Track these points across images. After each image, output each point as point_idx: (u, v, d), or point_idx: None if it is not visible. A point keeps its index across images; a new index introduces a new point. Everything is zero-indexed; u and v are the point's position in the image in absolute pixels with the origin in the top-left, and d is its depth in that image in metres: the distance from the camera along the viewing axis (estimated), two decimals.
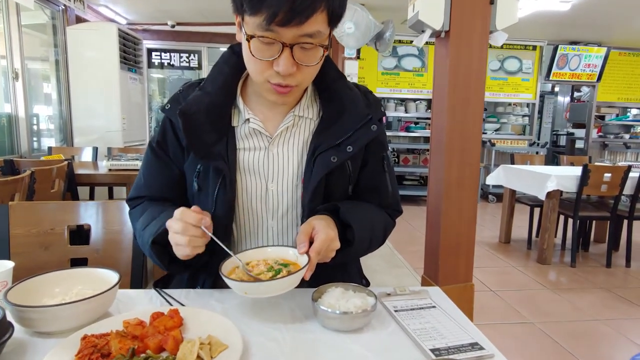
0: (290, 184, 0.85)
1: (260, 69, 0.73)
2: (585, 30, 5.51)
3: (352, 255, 0.81)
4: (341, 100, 0.84)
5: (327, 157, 0.80)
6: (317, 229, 0.72)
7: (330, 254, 0.74)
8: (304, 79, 0.75)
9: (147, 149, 0.89)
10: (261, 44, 0.69)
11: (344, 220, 0.79)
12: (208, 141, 0.79)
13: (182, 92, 0.86)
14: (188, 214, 0.69)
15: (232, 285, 0.68)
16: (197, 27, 5.47)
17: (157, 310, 0.67)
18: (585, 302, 2.59)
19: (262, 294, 0.69)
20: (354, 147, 0.81)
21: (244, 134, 0.84)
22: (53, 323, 0.63)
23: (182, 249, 0.70)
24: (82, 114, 4.05)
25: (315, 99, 0.88)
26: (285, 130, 0.85)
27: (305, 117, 0.86)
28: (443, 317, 0.74)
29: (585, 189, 3.06)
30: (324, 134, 0.82)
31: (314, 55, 0.72)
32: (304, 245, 0.71)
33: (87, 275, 0.76)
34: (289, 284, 0.68)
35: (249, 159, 0.84)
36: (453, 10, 1.68)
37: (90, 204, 1.16)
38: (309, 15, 0.65)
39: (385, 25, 4.04)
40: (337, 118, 0.83)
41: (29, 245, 1.13)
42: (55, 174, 2.09)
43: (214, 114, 0.81)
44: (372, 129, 0.82)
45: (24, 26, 3.49)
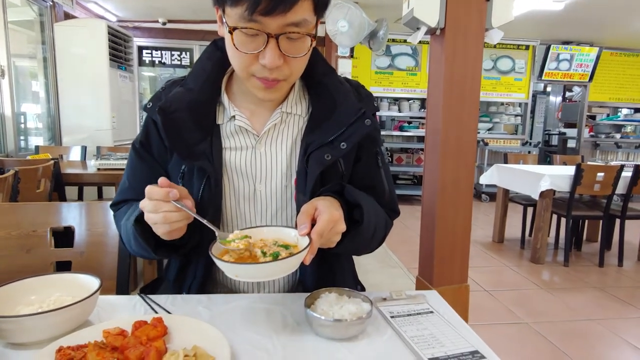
0: (280, 185, 0.81)
1: (245, 63, 0.69)
2: (578, 30, 5.54)
3: (357, 241, 0.74)
4: (332, 95, 0.80)
5: (321, 154, 0.75)
6: (320, 209, 0.66)
7: (334, 238, 0.67)
8: (292, 73, 0.71)
9: (131, 151, 0.85)
10: (245, 37, 0.66)
11: (351, 200, 0.73)
12: (191, 140, 0.75)
13: (165, 89, 0.82)
14: (155, 190, 0.64)
15: (221, 267, 0.61)
16: (189, 25, 5.40)
17: (139, 319, 0.63)
18: (579, 301, 2.59)
19: (254, 278, 0.63)
20: (348, 143, 0.76)
21: (230, 132, 0.81)
22: (27, 334, 0.59)
23: (161, 227, 0.65)
24: (71, 112, 3.97)
25: (304, 94, 0.85)
26: (273, 127, 0.81)
27: (294, 113, 0.82)
28: (441, 323, 0.71)
29: (578, 188, 3.07)
30: (316, 131, 0.78)
31: (301, 45, 0.68)
32: (306, 227, 0.64)
33: (66, 282, 0.72)
34: (285, 267, 0.61)
35: (235, 158, 0.80)
36: (448, 7, 1.66)
37: (73, 205, 1.11)
38: (294, 3, 0.62)
39: (379, 24, 4.01)
40: (328, 114, 0.79)
41: (9, 248, 1.08)
42: (41, 174, 2.03)
43: (197, 112, 0.77)
44: (365, 123, 0.78)
45: (10, 22, 3.41)
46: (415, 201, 5.57)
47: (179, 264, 0.84)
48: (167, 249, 0.73)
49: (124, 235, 0.79)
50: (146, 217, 0.66)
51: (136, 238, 0.71)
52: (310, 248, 0.62)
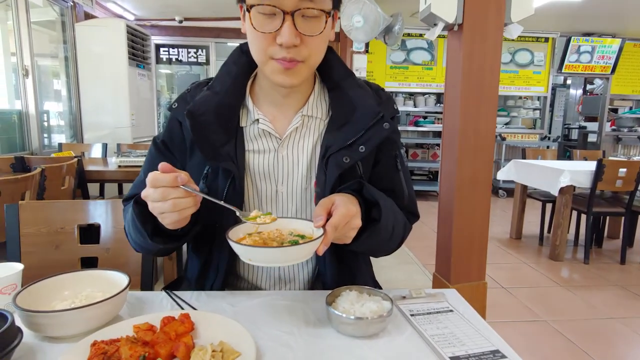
0: (300, 186, 0.83)
1: (264, 45, 0.70)
2: (600, 21, 5.38)
3: (374, 240, 0.74)
4: (351, 98, 0.81)
5: (340, 157, 0.76)
6: (337, 203, 0.67)
7: (350, 233, 0.68)
8: (310, 54, 0.72)
9: (151, 146, 0.87)
10: (262, 16, 0.68)
11: (369, 198, 0.74)
12: (216, 142, 0.77)
13: (190, 91, 0.84)
14: (160, 177, 0.62)
15: (237, 250, 0.63)
16: (205, 23, 5.45)
17: (167, 315, 0.65)
18: (599, 299, 2.55)
19: (268, 262, 0.64)
20: (367, 146, 0.77)
21: (253, 135, 0.82)
22: (62, 328, 0.62)
23: (170, 216, 0.63)
24: (92, 110, 4.07)
25: (324, 97, 0.86)
26: (295, 131, 0.82)
27: (314, 117, 0.83)
28: (461, 322, 0.71)
29: (599, 184, 3.00)
30: (335, 134, 0.79)
31: (316, 24, 0.70)
32: (321, 219, 0.65)
33: (96, 278, 0.75)
34: (297, 254, 0.62)
35: (258, 161, 0.82)
36: (467, 2, 1.64)
37: (99, 202, 1.15)
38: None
39: (394, 19, 3.98)
40: (347, 117, 0.79)
41: (39, 245, 1.13)
42: (66, 171, 2.09)
43: (223, 115, 0.79)
44: (384, 127, 0.79)
45: (33, 23, 3.50)
46: (431, 197, 5.53)
47: (200, 262, 0.86)
48: (164, 238, 0.72)
49: (126, 225, 0.80)
50: (152, 207, 0.64)
51: (134, 221, 0.70)
52: (324, 239, 0.63)
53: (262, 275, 0.87)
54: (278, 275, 0.87)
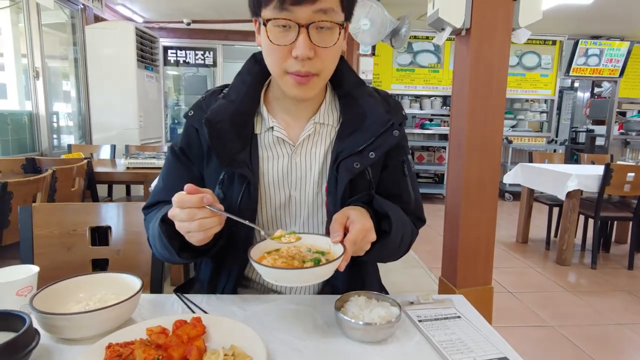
0: (312, 192, 0.85)
1: (279, 58, 0.73)
2: (608, 24, 5.35)
3: (386, 250, 0.77)
4: (361, 106, 0.83)
5: (350, 163, 0.79)
6: (352, 218, 0.69)
7: (365, 247, 0.70)
8: (323, 67, 0.74)
9: (169, 154, 0.89)
10: (278, 30, 0.70)
11: (380, 209, 0.77)
12: (232, 149, 0.79)
13: (205, 99, 0.86)
14: (187, 198, 0.64)
15: (261, 272, 0.64)
16: (213, 25, 5.49)
17: (179, 318, 0.67)
18: (607, 305, 2.53)
19: (293, 283, 0.67)
20: (376, 153, 0.80)
21: (268, 142, 0.84)
22: (78, 330, 0.64)
23: (196, 235, 0.66)
24: (101, 111, 4.11)
25: (335, 105, 0.88)
26: (307, 138, 0.84)
27: (326, 124, 0.86)
28: (469, 328, 0.72)
29: (607, 188, 2.99)
30: (346, 141, 0.81)
31: (330, 36, 0.72)
32: (339, 235, 0.67)
33: (110, 280, 0.77)
34: (322, 274, 0.64)
35: (272, 167, 0.84)
36: (475, 7, 1.64)
37: (111, 205, 1.17)
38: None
39: (401, 21, 3.99)
40: (358, 124, 0.82)
41: (51, 246, 1.15)
42: (76, 173, 2.12)
43: (238, 122, 0.81)
44: (394, 134, 0.81)
45: (44, 25, 3.55)
46: (437, 199, 5.51)
47: (213, 266, 0.87)
48: (191, 253, 0.75)
49: (151, 238, 0.81)
50: (178, 227, 0.67)
51: (161, 239, 0.72)
52: (344, 255, 0.64)
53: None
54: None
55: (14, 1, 3.49)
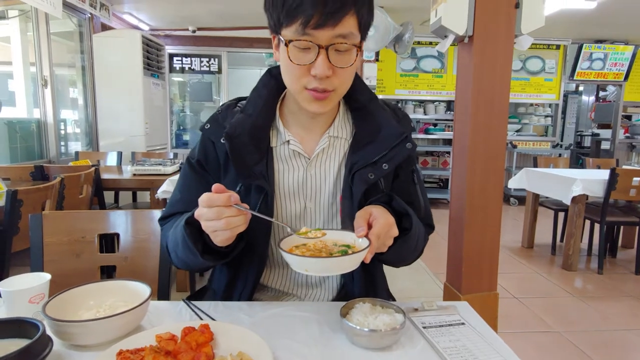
0: (327, 202, 0.88)
1: (298, 75, 0.75)
2: (612, 29, 5.35)
3: (404, 249, 0.79)
4: (376, 119, 0.86)
5: (365, 174, 0.82)
6: (375, 214, 0.72)
7: (388, 241, 0.73)
8: (340, 84, 0.77)
9: (185, 166, 0.91)
10: (298, 50, 0.73)
11: (399, 209, 0.80)
12: (250, 162, 0.81)
13: (221, 113, 0.88)
14: (215, 197, 0.66)
15: (292, 261, 0.67)
16: (217, 32, 5.55)
17: (187, 325, 0.68)
18: (614, 310, 2.51)
19: (322, 272, 0.70)
20: (390, 164, 0.83)
21: (284, 155, 0.87)
22: (90, 336, 0.65)
23: (222, 234, 0.68)
24: (107, 118, 4.16)
25: (348, 118, 0.91)
26: (322, 151, 0.87)
27: (340, 137, 0.89)
28: (473, 335, 0.73)
29: (612, 193, 2.97)
30: (360, 152, 0.85)
31: (348, 57, 0.75)
32: (363, 229, 0.70)
33: (119, 288, 0.79)
34: (349, 263, 0.67)
35: (287, 178, 0.86)
36: (477, 15, 1.65)
37: (119, 212, 1.19)
38: (341, 17, 0.70)
39: (404, 27, 4.01)
40: (372, 137, 0.85)
41: (61, 253, 1.17)
42: (84, 180, 2.15)
43: (256, 136, 0.83)
44: (407, 147, 0.85)
45: (52, 34, 3.61)
46: (441, 204, 5.51)
47: (229, 275, 0.89)
48: (214, 255, 0.76)
49: (171, 244, 0.82)
50: (205, 226, 0.68)
51: (185, 241, 0.73)
52: (370, 248, 0.67)
53: (291, 282, 0.91)
54: (306, 283, 0.91)
55: (23, 11, 3.56)
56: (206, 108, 6.73)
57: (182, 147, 6.34)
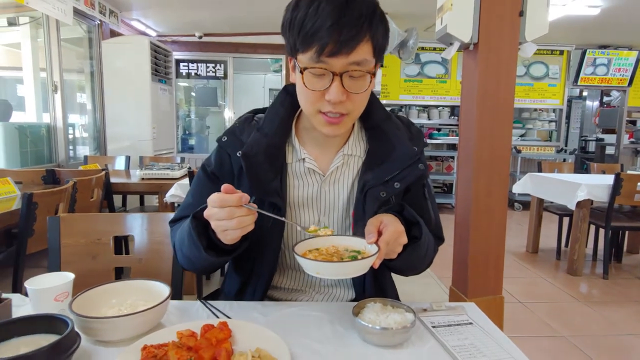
0: (340, 217, 0.90)
1: (313, 99, 0.77)
2: (615, 34, 5.37)
3: (414, 256, 0.81)
4: (390, 139, 0.88)
5: (377, 192, 0.84)
6: (385, 222, 0.74)
7: (397, 249, 0.75)
8: (354, 108, 0.79)
9: (200, 172, 0.93)
10: (313, 77, 0.75)
11: (410, 218, 0.82)
12: (265, 179, 0.83)
13: (238, 126, 0.90)
14: (227, 197, 0.68)
15: (305, 264, 0.70)
16: (223, 38, 5.61)
17: (206, 323, 0.71)
18: (619, 315, 2.52)
19: (333, 275, 0.72)
20: (402, 184, 0.85)
21: (299, 172, 0.89)
22: (114, 332, 0.68)
23: (233, 233, 0.70)
24: (115, 123, 4.22)
25: (362, 137, 0.93)
26: (336, 169, 0.89)
27: (354, 155, 0.91)
28: (481, 334, 0.75)
29: (617, 198, 2.98)
30: (373, 171, 0.86)
31: (362, 83, 0.76)
32: (373, 236, 0.72)
33: (139, 287, 0.82)
34: (359, 267, 0.70)
35: (301, 194, 0.89)
36: (482, 23, 1.69)
37: (135, 215, 1.22)
38: (355, 45, 0.71)
39: (408, 33, 4.05)
40: (385, 156, 0.87)
41: (77, 255, 1.20)
42: (95, 184, 2.19)
43: (272, 154, 0.86)
44: (419, 167, 0.87)
45: (62, 40, 3.67)
46: (446, 209, 5.52)
47: (241, 281, 0.92)
48: (218, 252, 0.77)
49: (178, 242, 0.85)
50: (216, 225, 0.70)
51: (190, 235, 0.75)
52: (379, 254, 0.70)
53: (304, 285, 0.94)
54: (317, 289, 0.94)
55: (33, 18, 3.63)
56: (211, 113, 6.79)
57: (187, 152, 6.39)
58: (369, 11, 0.72)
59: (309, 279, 0.94)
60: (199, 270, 0.89)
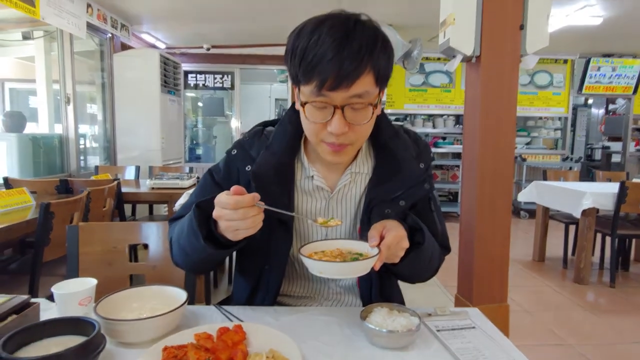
0: (346, 231, 0.93)
1: (315, 130, 0.79)
2: (619, 43, 5.40)
3: (417, 262, 0.83)
4: (396, 158, 0.89)
5: (382, 209, 0.86)
6: (388, 227, 0.77)
7: (399, 253, 0.77)
8: (357, 138, 0.80)
9: (207, 176, 0.95)
10: (315, 109, 0.76)
11: (413, 224, 0.84)
12: (273, 195, 0.84)
13: (248, 140, 0.92)
14: (241, 199, 0.69)
15: (309, 264, 0.74)
16: (231, 50, 5.72)
17: (222, 326, 0.75)
18: (627, 324, 2.51)
19: (335, 275, 0.76)
20: (407, 202, 0.88)
21: (307, 188, 0.91)
22: (136, 334, 0.73)
23: (245, 232, 0.71)
24: (125, 133, 4.32)
25: (370, 154, 0.94)
26: (343, 186, 0.91)
27: (361, 172, 0.92)
28: (484, 337, 0.78)
29: (623, 206, 2.99)
30: (379, 189, 0.88)
31: (364, 114, 0.77)
32: (375, 239, 0.75)
33: (158, 292, 0.86)
34: (360, 268, 0.73)
35: (309, 209, 0.91)
36: (483, 36, 1.73)
37: (150, 224, 1.26)
38: (355, 79, 0.71)
39: (413, 44, 4.10)
40: (391, 175, 0.88)
41: (94, 262, 1.24)
42: (107, 193, 2.25)
43: (281, 172, 0.88)
44: (424, 187, 0.89)
45: (75, 53, 3.78)
46: (452, 218, 5.52)
47: (251, 287, 0.94)
48: (216, 245, 0.76)
49: (176, 235, 0.86)
50: (227, 226, 0.71)
51: (191, 223, 0.76)
52: (379, 256, 0.73)
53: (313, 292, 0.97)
54: (325, 295, 0.97)
55: (48, 32, 3.75)
56: (218, 123, 6.89)
57: (195, 161, 6.48)
58: (370, 41, 0.72)
59: (318, 286, 0.97)
60: (191, 266, 0.89)
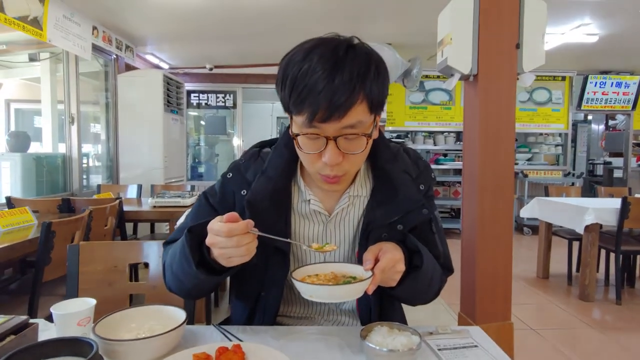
0: (345, 255, 0.91)
1: (310, 160, 0.78)
2: (616, 59, 5.47)
3: (415, 285, 0.81)
4: (393, 182, 0.87)
5: (379, 233, 0.85)
6: (384, 250, 0.75)
7: (395, 276, 0.75)
8: (351, 167, 0.79)
9: (202, 198, 0.93)
10: (307, 140, 0.74)
11: (412, 246, 0.82)
12: (269, 222, 0.82)
13: (244, 162, 0.90)
14: (234, 227, 0.68)
15: (300, 288, 0.73)
16: (233, 69, 5.82)
17: (220, 346, 0.74)
18: (635, 341, 2.47)
19: (326, 299, 0.74)
20: (405, 226, 0.85)
21: (304, 212, 0.89)
22: (134, 355, 0.72)
23: (238, 260, 0.70)
24: (128, 152, 4.36)
25: (368, 176, 0.92)
26: (341, 210, 0.89)
27: (359, 195, 0.90)
28: (486, 356, 0.77)
29: (626, 222, 2.97)
30: (377, 212, 0.86)
31: (358, 143, 0.75)
32: (370, 262, 0.73)
33: (157, 312, 0.85)
34: (351, 292, 0.72)
35: (306, 233, 0.90)
36: (480, 55, 1.77)
37: (150, 243, 1.26)
38: (347, 109, 0.69)
39: (412, 63, 4.17)
40: (390, 199, 0.86)
41: (95, 282, 1.24)
42: (109, 212, 2.26)
43: (277, 198, 0.86)
44: (423, 212, 0.86)
45: (80, 74, 3.85)
46: (454, 234, 5.49)
47: (249, 309, 0.93)
48: (208, 270, 0.75)
49: (169, 260, 0.84)
50: (221, 254, 0.70)
51: (183, 249, 0.74)
52: (373, 280, 0.72)
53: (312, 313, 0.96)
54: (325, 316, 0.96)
55: (54, 53, 3.83)
56: (221, 141, 6.94)
57: (197, 179, 6.50)
58: (362, 69, 0.70)
59: (317, 308, 0.95)
60: (185, 292, 0.87)
